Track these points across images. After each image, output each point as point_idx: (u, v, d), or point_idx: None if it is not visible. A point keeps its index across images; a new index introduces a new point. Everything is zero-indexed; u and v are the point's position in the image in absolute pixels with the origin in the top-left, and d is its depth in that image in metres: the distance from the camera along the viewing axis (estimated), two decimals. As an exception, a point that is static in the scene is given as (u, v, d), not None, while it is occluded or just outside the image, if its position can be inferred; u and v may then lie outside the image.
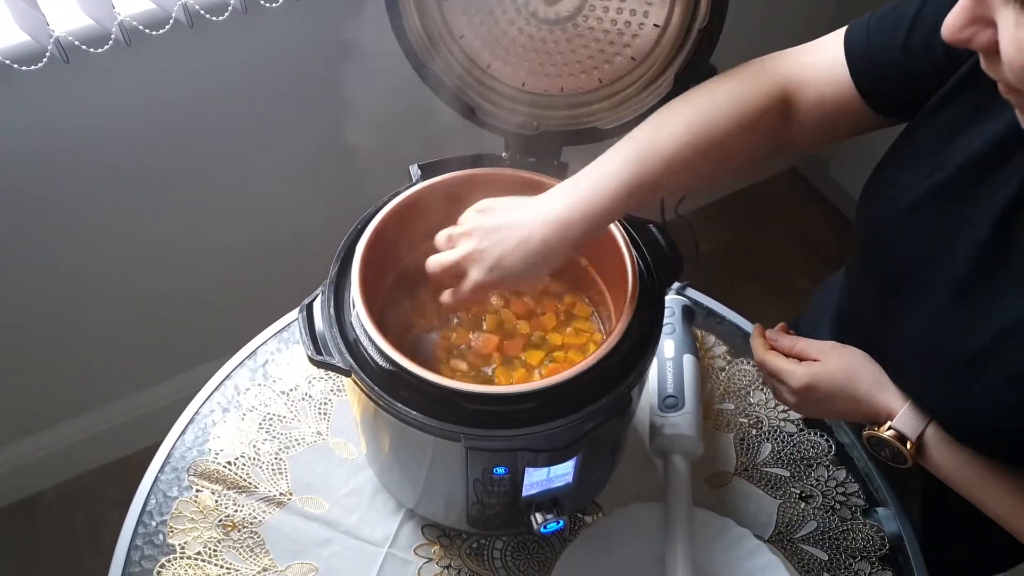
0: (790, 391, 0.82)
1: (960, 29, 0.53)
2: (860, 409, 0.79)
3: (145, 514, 0.92)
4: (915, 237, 0.73)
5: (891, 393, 0.77)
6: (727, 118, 0.76)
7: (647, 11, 0.82)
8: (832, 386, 0.79)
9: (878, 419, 0.78)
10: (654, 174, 0.73)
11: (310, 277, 0.93)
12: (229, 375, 1.03)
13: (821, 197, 2.36)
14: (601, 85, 0.88)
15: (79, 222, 1.37)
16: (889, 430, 0.76)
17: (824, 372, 0.79)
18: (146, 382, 1.72)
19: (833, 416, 0.82)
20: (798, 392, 0.81)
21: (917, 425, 0.75)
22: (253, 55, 1.30)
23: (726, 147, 0.76)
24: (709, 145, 0.75)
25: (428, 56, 0.86)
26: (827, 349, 0.81)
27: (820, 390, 0.79)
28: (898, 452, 0.76)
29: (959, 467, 0.74)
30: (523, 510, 0.81)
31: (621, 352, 0.74)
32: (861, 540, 0.93)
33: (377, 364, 0.72)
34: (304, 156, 1.49)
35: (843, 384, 0.78)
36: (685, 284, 1.12)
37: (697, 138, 0.74)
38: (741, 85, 0.78)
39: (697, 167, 0.75)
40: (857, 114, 0.76)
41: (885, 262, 0.78)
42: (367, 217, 0.82)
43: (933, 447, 0.75)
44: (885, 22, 0.73)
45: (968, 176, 0.68)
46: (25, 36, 1.08)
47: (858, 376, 0.78)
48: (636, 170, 0.72)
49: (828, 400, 0.80)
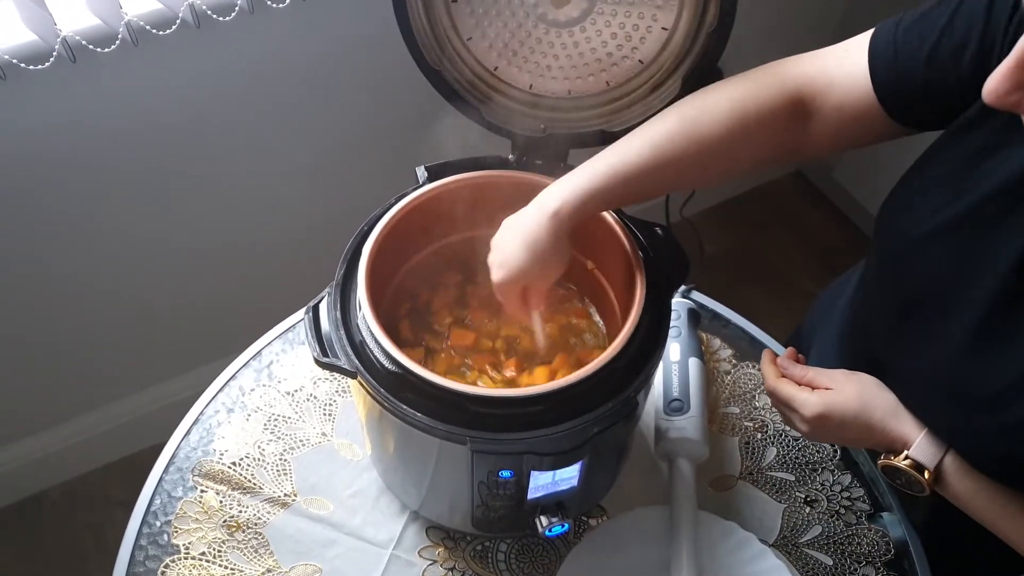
0: (802, 420, 0.80)
1: (1006, 94, 0.52)
2: (874, 438, 0.77)
3: (150, 514, 0.92)
4: (935, 264, 0.71)
5: (907, 421, 0.75)
6: (728, 116, 0.75)
7: (655, 14, 0.82)
8: (845, 415, 0.77)
9: (893, 448, 0.76)
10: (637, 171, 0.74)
11: (316, 278, 0.93)
12: (234, 375, 1.03)
13: (825, 200, 2.36)
14: (608, 88, 0.88)
15: (84, 221, 1.37)
16: (906, 459, 0.74)
17: (837, 401, 0.78)
18: (151, 381, 1.73)
19: (847, 444, 0.81)
20: (810, 421, 0.79)
21: (935, 454, 0.73)
22: (260, 56, 1.30)
23: (725, 146, 0.75)
24: (704, 142, 0.74)
25: (435, 58, 0.86)
26: (839, 378, 0.80)
27: (833, 419, 0.78)
28: (915, 481, 0.74)
29: (977, 495, 0.72)
30: (528, 513, 0.81)
31: (627, 356, 0.74)
32: (866, 545, 0.93)
33: (383, 366, 0.72)
34: (310, 157, 1.49)
35: (856, 413, 0.77)
36: (690, 287, 1.12)
37: (691, 135, 0.74)
38: (752, 85, 0.77)
39: (690, 164, 0.75)
40: (876, 124, 0.74)
41: (902, 285, 0.76)
42: (374, 219, 0.82)
43: (951, 476, 0.73)
44: (911, 32, 0.70)
45: (995, 205, 0.66)
46: (32, 35, 1.08)
47: (872, 404, 0.77)
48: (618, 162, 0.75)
49: (841, 429, 0.78)
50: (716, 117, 0.75)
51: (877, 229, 0.79)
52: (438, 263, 0.92)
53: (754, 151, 0.78)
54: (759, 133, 0.76)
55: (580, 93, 0.89)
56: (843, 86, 0.74)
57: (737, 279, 2.15)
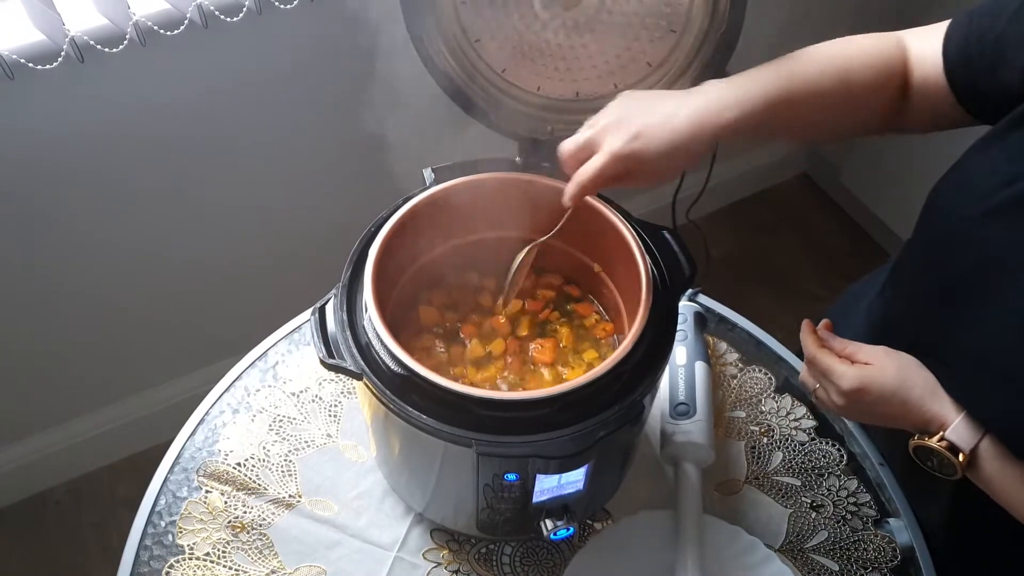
0: (839, 392, 0.79)
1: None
2: (910, 417, 0.76)
3: (154, 514, 0.92)
4: (990, 246, 0.71)
5: (944, 402, 0.74)
6: (866, 66, 0.78)
7: (665, 17, 0.82)
8: (884, 391, 0.76)
9: (929, 428, 0.75)
10: (799, 94, 0.76)
11: (322, 279, 0.93)
12: (240, 376, 1.03)
13: (832, 202, 2.35)
14: (616, 90, 0.88)
15: (90, 220, 1.37)
16: (941, 440, 0.73)
17: (876, 375, 0.76)
18: (156, 381, 1.73)
19: (879, 422, 0.80)
20: (847, 394, 0.78)
21: (972, 437, 0.72)
22: (267, 56, 1.31)
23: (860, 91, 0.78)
24: (848, 84, 0.78)
25: (444, 60, 0.86)
26: (879, 353, 0.78)
27: (871, 393, 0.76)
28: (948, 463, 0.73)
29: (1012, 482, 0.71)
30: (533, 516, 0.81)
31: (634, 359, 0.73)
32: (872, 551, 0.92)
33: (389, 368, 0.72)
34: (317, 158, 1.49)
35: (895, 389, 0.76)
36: (696, 290, 1.11)
37: (840, 73, 0.78)
38: (883, 42, 0.80)
39: (831, 104, 0.78)
40: (947, 108, 0.77)
41: (951, 269, 0.75)
42: (380, 220, 0.82)
43: (986, 460, 0.72)
44: (983, 17, 0.73)
45: None
46: (41, 35, 1.09)
47: (911, 382, 0.75)
48: (786, 84, 0.75)
49: (877, 405, 0.77)
50: (865, 61, 0.78)
51: (927, 211, 0.79)
52: (444, 265, 0.92)
53: (876, 104, 0.80)
54: (885, 88, 0.79)
55: (588, 95, 0.89)
56: (923, 65, 0.78)
57: (743, 282, 2.14)
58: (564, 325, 0.90)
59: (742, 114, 0.73)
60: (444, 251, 0.91)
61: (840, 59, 0.79)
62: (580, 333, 0.90)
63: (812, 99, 0.77)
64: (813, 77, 0.77)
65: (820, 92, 0.77)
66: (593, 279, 0.91)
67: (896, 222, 2.15)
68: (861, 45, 0.80)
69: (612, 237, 0.83)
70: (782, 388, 1.05)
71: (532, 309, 0.90)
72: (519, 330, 0.88)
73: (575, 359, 0.87)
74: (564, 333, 0.89)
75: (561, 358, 0.87)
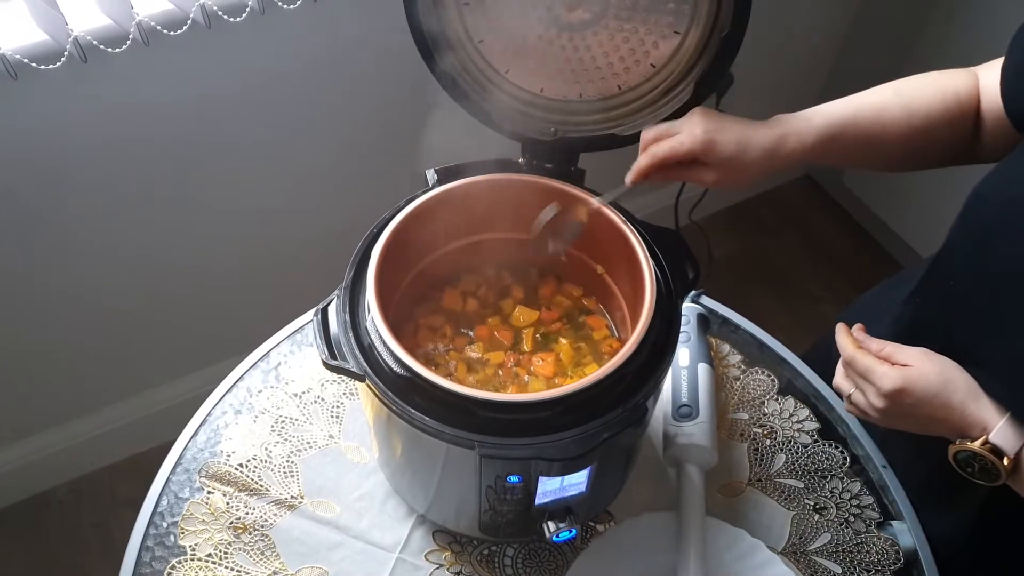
0: (878, 394, 0.77)
1: None
2: (952, 420, 0.74)
3: (156, 515, 0.92)
4: None
5: (987, 406, 0.73)
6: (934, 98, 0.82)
7: (668, 18, 0.81)
8: (926, 392, 0.74)
9: (970, 432, 0.73)
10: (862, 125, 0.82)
11: (325, 280, 0.93)
12: (242, 377, 1.03)
13: (835, 204, 2.35)
14: (620, 92, 0.88)
15: (93, 220, 1.37)
16: (985, 444, 0.72)
17: (917, 376, 0.75)
18: (159, 381, 1.73)
19: (918, 428, 0.78)
20: (888, 395, 0.76)
21: (1017, 440, 0.71)
22: (270, 56, 1.31)
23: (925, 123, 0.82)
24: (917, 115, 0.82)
25: (447, 60, 0.86)
26: (919, 355, 0.77)
27: (913, 395, 0.74)
28: (990, 468, 0.72)
29: None
30: (535, 518, 0.81)
31: (637, 361, 0.73)
32: (875, 554, 0.92)
33: (392, 370, 0.72)
34: (320, 159, 1.49)
35: (937, 391, 0.74)
36: (699, 292, 1.11)
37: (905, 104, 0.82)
38: (953, 78, 0.83)
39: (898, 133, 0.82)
40: (1010, 136, 0.78)
41: (996, 263, 0.74)
42: (383, 221, 0.82)
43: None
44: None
45: None
46: (44, 35, 1.09)
47: (953, 384, 0.74)
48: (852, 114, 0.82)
49: (918, 407, 0.75)
50: (930, 93, 0.82)
51: (970, 207, 0.78)
52: (447, 266, 0.92)
53: (950, 134, 0.83)
54: (959, 117, 0.82)
55: (591, 96, 0.89)
56: (989, 96, 0.81)
57: (746, 284, 2.14)
58: (569, 337, 0.89)
59: (801, 145, 0.81)
60: (447, 252, 0.91)
61: (908, 91, 0.83)
62: (585, 346, 0.89)
63: (876, 129, 0.82)
64: (876, 108, 0.82)
65: (884, 122, 0.82)
66: (596, 280, 0.91)
67: (898, 224, 2.15)
68: (933, 79, 0.84)
69: (615, 238, 0.83)
70: (785, 390, 1.05)
71: (547, 318, 0.90)
72: (523, 344, 0.88)
73: (575, 372, 0.87)
74: (565, 347, 0.88)
75: (560, 371, 0.86)
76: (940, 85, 0.83)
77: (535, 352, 0.87)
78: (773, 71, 1.93)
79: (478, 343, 0.88)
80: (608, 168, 0.91)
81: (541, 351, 0.88)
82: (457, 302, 0.92)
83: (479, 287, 0.93)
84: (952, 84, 0.83)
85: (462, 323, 0.90)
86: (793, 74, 2.03)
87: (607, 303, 0.92)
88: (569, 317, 0.92)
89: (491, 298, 0.92)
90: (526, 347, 0.87)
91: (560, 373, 0.86)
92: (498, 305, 0.92)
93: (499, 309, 0.91)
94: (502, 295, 0.93)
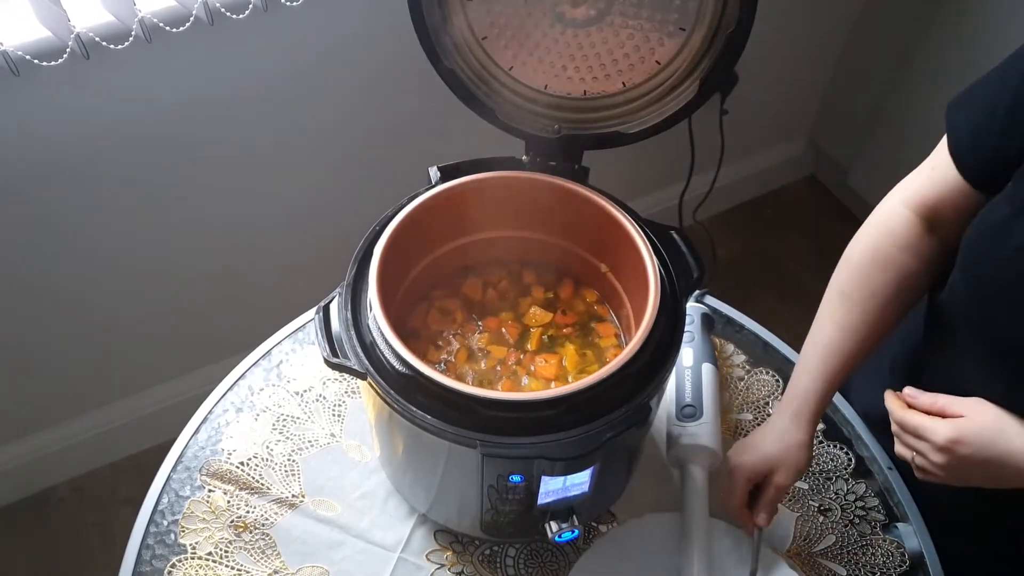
0: (934, 448, 0.75)
1: None
2: (1017, 464, 0.71)
3: (157, 513, 0.91)
4: None
5: None
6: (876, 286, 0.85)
7: (674, 15, 0.81)
8: (982, 440, 0.72)
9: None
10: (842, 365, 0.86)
11: (326, 278, 0.92)
12: (243, 375, 1.02)
13: (840, 204, 2.34)
14: (624, 89, 0.87)
15: (95, 218, 1.37)
16: None
17: (971, 425, 0.73)
18: (160, 379, 1.73)
19: (989, 481, 0.75)
20: (943, 449, 0.74)
21: None
22: (273, 54, 1.30)
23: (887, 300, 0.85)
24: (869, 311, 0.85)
25: (450, 57, 0.86)
26: (973, 405, 0.75)
27: (969, 444, 0.72)
28: None
29: None
30: (538, 518, 0.80)
31: (641, 361, 0.73)
32: (880, 556, 0.91)
33: (394, 368, 0.71)
34: (322, 157, 1.49)
35: (993, 437, 0.72)
36: (704, 291, 1.11)
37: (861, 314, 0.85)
38: (876, 230, 0.88)
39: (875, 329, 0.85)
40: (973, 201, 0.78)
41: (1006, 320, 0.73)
42: (386, 219, 0.81)
43: None
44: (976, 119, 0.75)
45: None
46: (46, 32, 1.09)
47: (1010, 430, 0.71)
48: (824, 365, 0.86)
49: (977, 456, 0.73)
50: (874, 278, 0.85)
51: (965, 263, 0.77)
52: (449, 264, 0.92)
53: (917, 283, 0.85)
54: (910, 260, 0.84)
55: (596, 94, 0.88)
56: (942, 191, 0.81)
57: (749, 283, 2.13)
58: (575, 342, 0.88)
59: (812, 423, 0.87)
60: (449, 250, 0.90)
61: (852, 291, 0.86)
62: (591, 353, 0.88)
63: (854, 350, 0.85)
64: (838, 341, 0.85)
65: (853, 341, 0.85)
66: (600, 279, 0.90)
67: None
68: (863, 258, 0.87)
69: (619, 237, 0.82)
70: (789, 391, 1.04)
71: (560, 322, 0.89)
72: (528, 343, 0.87)
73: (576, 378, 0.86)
74: (570, 351, 0.87)
75: (561, 375, 0.86)
76: (876, 259, 0.85)
77: (539, 352, 0.87)
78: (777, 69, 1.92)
79: (485, 334, 0.87)
80: (612, 167, 0.91)
81: (545, 352, 0.87)
82: (476, 290, 0.91)
83: (501, 280, 0.93)
84: (884, 246, 0.85)
85: (475, 311, 0.90)
86: (797, 72, 2.03)
87: (611, 302, 0.91)
88: (581, 324, 0.91)
89: (511, 293, 0.92)
90: (531, 346, 0.87)
91: (560, 377, 0.85)
92: (515, 301, 0.91)
93: (516, 305, 0.91)
94: (523, 292, 0.92)
